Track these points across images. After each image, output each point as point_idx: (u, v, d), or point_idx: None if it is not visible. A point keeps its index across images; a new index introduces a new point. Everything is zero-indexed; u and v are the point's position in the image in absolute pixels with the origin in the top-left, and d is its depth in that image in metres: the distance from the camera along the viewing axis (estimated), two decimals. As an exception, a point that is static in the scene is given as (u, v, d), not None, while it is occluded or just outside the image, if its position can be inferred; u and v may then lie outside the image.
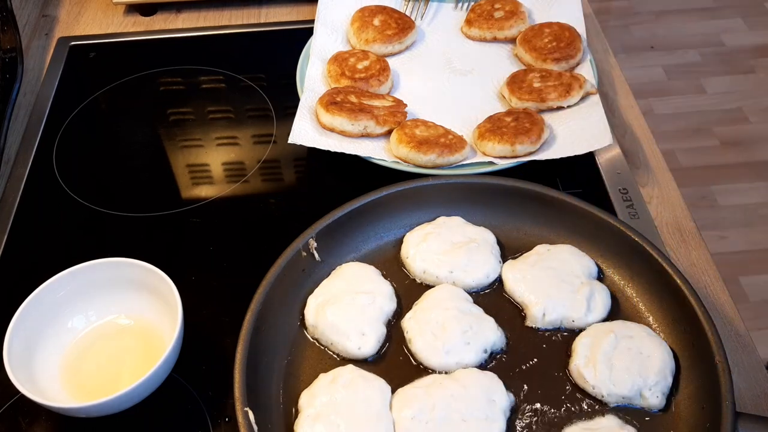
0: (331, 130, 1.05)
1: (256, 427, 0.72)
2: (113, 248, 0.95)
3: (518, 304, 0.86)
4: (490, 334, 0.82)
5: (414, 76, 1.17)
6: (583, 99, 1.09)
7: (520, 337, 0.83)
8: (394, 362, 0.82)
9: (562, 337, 0.83)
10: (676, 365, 0.79)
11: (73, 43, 1.30)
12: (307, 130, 1.06)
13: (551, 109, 1.08)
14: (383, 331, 0.83)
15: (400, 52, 1.21)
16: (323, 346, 0.83)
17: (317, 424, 0.73)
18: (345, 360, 0.82)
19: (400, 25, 1.20)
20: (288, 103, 1.16)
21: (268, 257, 0.84)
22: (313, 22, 1.24)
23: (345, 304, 0.83)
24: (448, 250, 0.88)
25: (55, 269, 0.84)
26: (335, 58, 1.15)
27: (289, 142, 1.03)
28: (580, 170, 1.05)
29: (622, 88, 1.21)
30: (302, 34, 1.22)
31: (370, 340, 0.82)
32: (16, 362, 0.77)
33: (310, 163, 1.09)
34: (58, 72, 1.24)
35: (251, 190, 1.06)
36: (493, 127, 1.03)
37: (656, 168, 1.08)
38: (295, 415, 0.77)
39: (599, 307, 0.84)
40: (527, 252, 0.90)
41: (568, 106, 1.08)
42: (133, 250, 0.88)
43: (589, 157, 1.06)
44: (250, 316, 0.79)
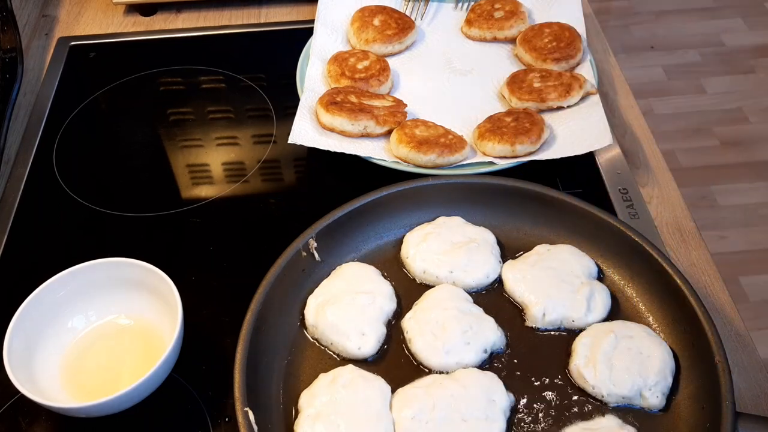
0: (331, 130, 1.05)
1: (256, 427, 0.72)
2: (113, 248, 0.95)
3: (518, 304, 0.86)
4: (490, 334, 0.82)
5: (414, 76, 1.17)
6: (583, 99, 1.09)
7: (520, 337, 0.83)
8: (394, 362, 0.82)
9: (562, 337, 0.83)
10: (676, 365, 0.79)
11: (73, 43, 1.30)
12: (307, 130, 1.06)
13: (551, 109, 1.08)
14: (383, 331, 0.83)
15: (400, 52, 1.21)
16: (323, 346, 0.83)
17: (317, 424, 0.73)
18: (345, 360, 0.82)
19: (400, 25, 1.20)
20: (288, 103, 1.16)
21: (268, 257, 0.84)
22: (313, 22, 1.24)
23: (345, 304, 0.83)
24: (448, 250, 0.88)
25: (55, 269, 0.84)
26: (335, 58, 1.15)
27: (289, 142, 1.03)
28: (580, 170, 1.05)
29: (622, 88, 1.21)
30: (302, 34, 1.22)
31: (370, 340, 0.81)
32: (16, 362, 0.77)
33: (310, 163, 1.09)
34: (58, 72, 1.24)
35: (251, 190, 1.06)
36: (493, 127, 1.03)
37: (656, 168, 1.08)
38: (295, 415, 0.77)
39: (599, 307, 0.84)
40: (527, 252, 0.90)
41: (568, 106, 1.08)
42: (133, 250, 0.88)
43: (589, 157, 1.06)
44: (250, 316, 0.79)
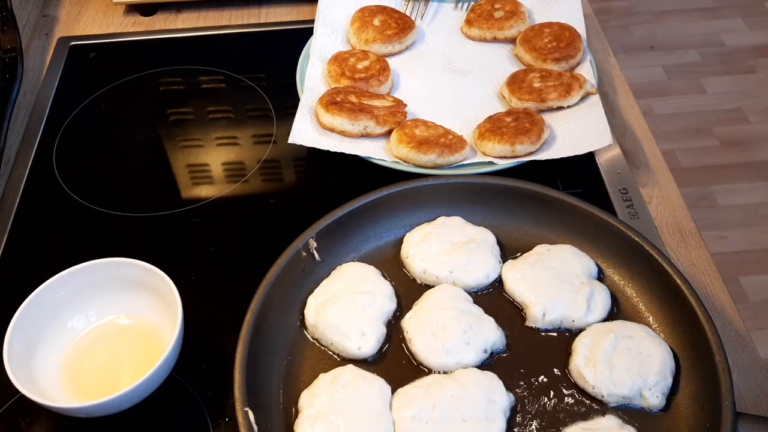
0: (331, 130, 1.05)
1: (256, 427, 0.72)
2: (113, 248, 0.95)
3: (518, 304, 0.86)
4: (490, 334, 0.82)
5: (414, 76, 1.17)
6: (583, 99, 1.09)
7: (520, 337, 0.83)
8: (394, 362, 0.82)
9: (562, 337, 0.83)
10: (676, 365, 0.79)
11: (73, 43, 1.30)
12: (307, 130, 1.06)
13: (551, 109, 1.08)
14: (383, 331, 0.83)
15: (400, 52, 1.21)
16: (323, 346, 0.83)
17: (317, 424, 0.73)
18: (345, 360, 0.82)
19: (400, 25, 1.20)
20: (288, 103, 1.16)
21: (268, 257, 0.84)
22: (313, 22, 1.24)
23: (345, 304, 0.83)
24: (448, 250, 0.88)
25: (55, 269, 0.83)
26: (335, 58, 1.15)
27: (289, 142, 1.03)
28: (580, 170, 1.05)
29: (622, 88, 1.21)
30: (302, 34, 1.22)
31: (370, 340, 0.81)
32: (16, 362, 0.77)
33: (310, 163, 1.09)
34: (58, 72, 1.24)
35: (251, 190, 1.06)
36: (493, 127, 1.03)
37: (656, 168, 1.08)
38: (295, 415, 0.77)
39: (599, 307, 0.84)
40: (527, 252, 0.90)
41: (568, 106, 1.08)
42: (133, 250, 0.88)
43: (589, 157, 1.06)
44: (250, 316, 0.79)
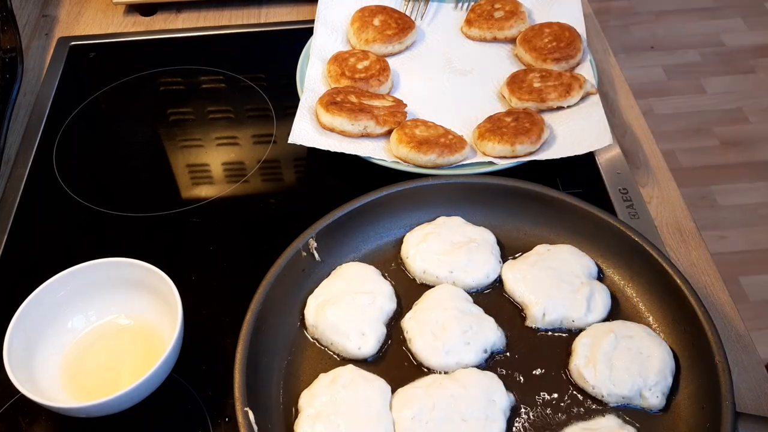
0: (331, 130, 1.05)
1: (256, 427, 0.72)
2: (113, 248, 0.95)
3: (518, 304, 0.86)
4: (490, 334, 0.82)
5: (414, 76, 1.17)
6: (583, 99, 1.09)
7: (520, 337, 0.83)
8: (394, 362, 0.82)
9: (562, 337, 0.83)
10: (676, 365, 0.79)
11: (73, 43, 1.30)
12: (307, 130, 1.06)
13: (551, 109, 1.08)
14: (383, 331, 0.83)
15: (400, 52, 1.21)
16: (323, 346, 0.83)
17: (317, 424, 0.73)
18: (345, 360, 0.82)
19: (400, 25, 1.20)
20: (288, 103, 1.16)
21: (268, 257, 0.84)
22: (313, 22, 1.24)
23: (345, 304, 0.83)
24: (448, 250, 0.88)
25: (55, 269, 0.83)
26: (335, 58, 1.15)
27: (289, 142, 1.03)
28: (580, 170, 1.05)
29: (622, 88, 1.21)
30: (302, 34, 1.22)
31: (370, 340, 0.81)
32: (16, 362, 0.77)
33: (310, 163, 1.09)
34: (58, 72, 1.24)
35: (251, 190, 1.06)
36: (493, 127, 1.03)
37: (656, 168, 1.08)
38: (295, 415, 0.77)
39: (599, 307, 0.84)
40: (527, 252, 0.90)
41: (568, 106, 1.08)
42: (133, 250, 0.88)
43: (589, 157, 1.06)
44: (250, 316, 0.79)
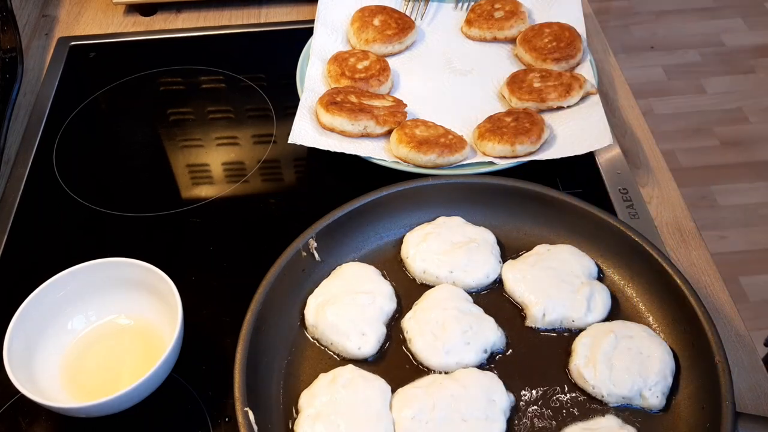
0: (331, 130, 1.05)
1: (256, 427, 0.72)
2: (113, 248, 0.95)
3: (518, 304, 0.86)
4: (490, 334, 0.82)
5: (414, 76, 1.17)
6: (583, 99, 1.09)
7: (520, 337, 0.83)
8: (394, 362, 0.82)
9: (562, 337, 0.83)
10: (676, 365, 0.79)
11: (73, 43, 1.30)
12: (307, 130, 1.06)
13: (551, 109, 1.08)
14: (383, 331, 0.83)
15: (400, 52, 1.21)
16: (323, 346, 0.83)
17: (317, 424, 0.74)
18: (345, 360, 0.82)
19: (400, 25, 1.20)
20: (288, 103, 1.16)
21: (268, 257, 0.84)
22: (313, 22, 1.24)
23: (345, 304, 0.83)
24: (448, 250, 0.88)
25: (55, 269, 0.84)
26: (335, 58, 1.15)
27: (289, 142, 1.03)
28: (580, 170, 1.05)
29: (622, 88, 1.21)
30: (302, 34, 1.22)
31: (370, 340, 0.81)
32: (16, 362, 0.77)
33: (310, 163, 1.09)
34: (58, 72, 1.24)
35: (251, 190, 1.06)
36: (493, 127, 1.03)
37: (656, 168, 1.08)
38: (295, 414, 0.77)
39: (599, 307, 0.84)
40: (527, 252, 0.90)
41: (568, 106, 1.08)
42: (133, 250, 0.88)
43: (589, 157, 1.06)
44: (250, 316, 0.79)
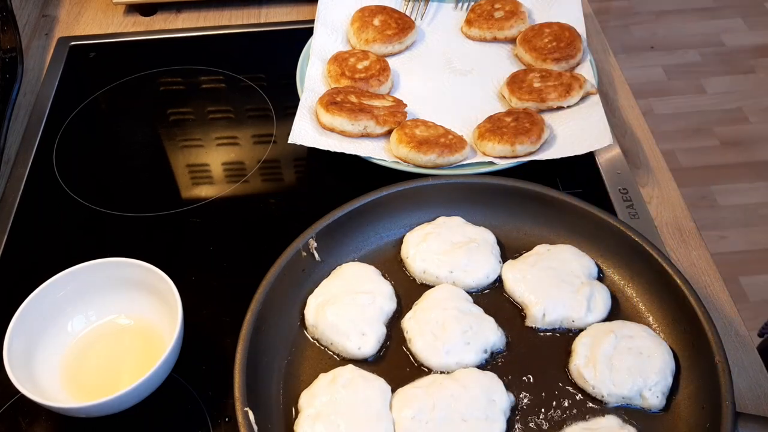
0: (331, 130, 1.05)
1: (256, 427, 0.72)
2: (113, 248, 0.95)
3: (518, 304, 0.86)
4: (490, 334, 0.82)
5: (414, 76, 1.17)
6: (583, 99, 1.09)
7: (520, 337, 0.83)
8: (394, 362, 0.82)
9: (562, 337, 0.83)
10: (676, 365, 0.79)
11: (73, 43, 1.30)
12: (307, 130, 1.06)
13: (551, 109, 1.08)
14: (383, 331, 0.83)
15: (400, 52, 1.21)
16: (323, 346, 0.83)
17: (317, 423, 0.74)
18: (345, 360, 0.82)
19: (400, 25, 1.20)
20: (288, 103, 1.16)
21: (268, 257, 0.84)
22: (313, 22, 1.24)
23: (345, 304, 0.83)
24: (448, 250, 0.88)
25: (55, 269, 0.84)
26: (335, 58, 1.15)
27: (289, 142, 1.03)
28: (580, 170, 1.05)
29: (622, 88, 1.21)
30: (302, 34, 1.22)
31: (370, 340, 0.81)
32: (16, 362, 0.77)
33: (310, 163, 1.09)
34: (58, 72, 1.24)
35: (251, 190, 1.06)
36: (493, 127, 1.03)
37: (656, 168, 1.08)
38: (295, 414, 0.77)
39: (599, 307, 0.84)
40: (527, 252, 0.90)
41: (568, 106, 1.08)
42: (133, 250, 0.88)
43: (589, 157, 1.06)
44: (250, 316, 0.79)
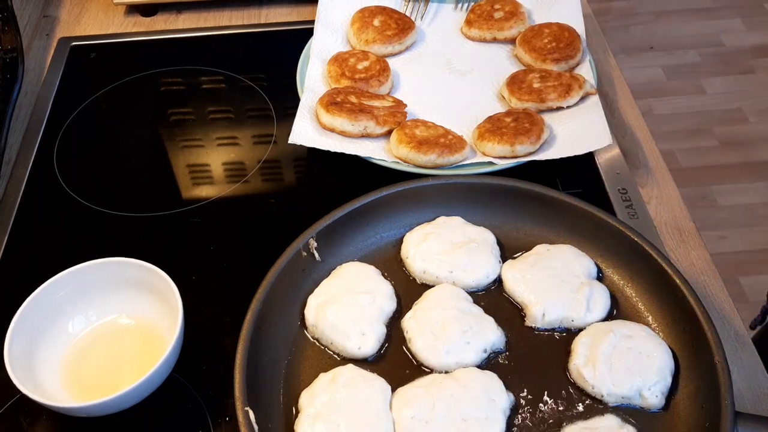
0: (331, 131, 1.05)
1: (256, 427, 0.72)
2: (114, 248, 0.95)
3: (518, 304, 0.86)
4: (490, 333, 0.82)
5: (414, 76, 1.17)
6: (582, 99, 1.09)
7: (520, 337, 0.84)
8: (394, 362, 0.82)
9: (562, 337, 0.83)
10: (675, 365, 0.79)
11: (74, 44, 1.30)
12: (308, 131, 1.06)
13: (551, 110, 1.08)
14: (383, 331, 0.83)
15: (400, 53, 1.21)
16: (323, 346, 0.83)
17: (317, 423, 0.74)
18: (345, 360, 0.82)
19: (400, 26, 1.20)
20: (288, 104, 1.16)
21: (268, 257, 0.85)
22: (313, 22, 1.24)
23: (345, 304, 0.83)
24: (448, 250, 0.89)
25: (56, 269, 0.84)
26: (335, 59, 1.15)
27: (290, 142, 1.04)
28: (580, 170, 1.05)
29: (621, 88, 1.21)
30: (302, 35, 1.22)
31: (370, 340, 0.82)
32: (17, 362, 0.77)
33: (310, 163, 1.09)
34: (59, 72, 1.24)
35: (251, 190, 1.06)
36: (492, 127, 1.03)
37: (656, 168, 1.08)
38: (295, 414, 0.77)
39: (599, 307, 0.84)
40: (527, 252, 0.90)
41: (568, 107, 1.08)
42: (134, 250, 0.88)
43: (589, 157, 1.06)
44: (251, 316, 0.79)
